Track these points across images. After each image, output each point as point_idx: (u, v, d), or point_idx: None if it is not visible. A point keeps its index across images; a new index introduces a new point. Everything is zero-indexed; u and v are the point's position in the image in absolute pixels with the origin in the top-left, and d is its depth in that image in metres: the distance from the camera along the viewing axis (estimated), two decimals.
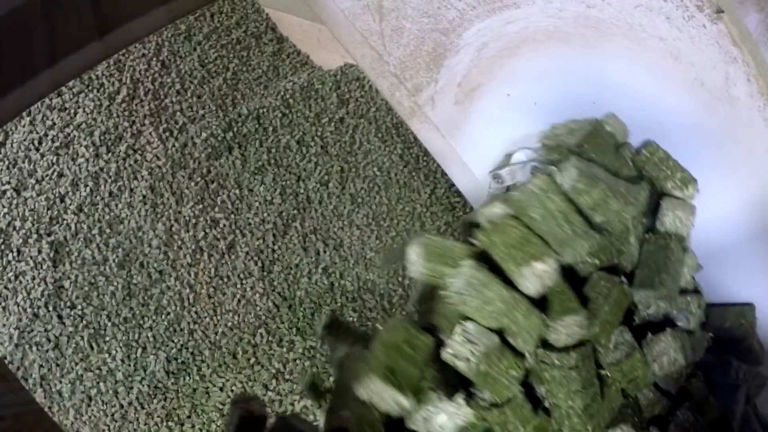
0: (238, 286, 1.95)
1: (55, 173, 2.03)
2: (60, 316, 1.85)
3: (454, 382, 0.84)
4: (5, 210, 1.95)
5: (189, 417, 1.80)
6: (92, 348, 1.83)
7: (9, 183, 1.99)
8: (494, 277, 0.81)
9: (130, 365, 1.83)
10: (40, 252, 1.91)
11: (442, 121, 1.06)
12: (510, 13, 0.89)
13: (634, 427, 0.85)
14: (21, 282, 1.88)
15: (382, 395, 0.79)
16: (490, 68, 0.96)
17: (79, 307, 1.87)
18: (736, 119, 0.82)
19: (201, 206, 2.04)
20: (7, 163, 2.02)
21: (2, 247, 1.91)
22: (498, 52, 0.94)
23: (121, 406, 1.79)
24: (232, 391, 1.83)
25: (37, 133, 2.08)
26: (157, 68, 2.29)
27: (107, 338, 1.84)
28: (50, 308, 1.86)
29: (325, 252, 2.03)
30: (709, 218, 0.91)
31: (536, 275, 0.80)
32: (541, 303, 0.83)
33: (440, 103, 1.05)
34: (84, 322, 1.85)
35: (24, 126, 2.09)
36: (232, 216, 2.04)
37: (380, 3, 1.01)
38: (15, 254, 1.91)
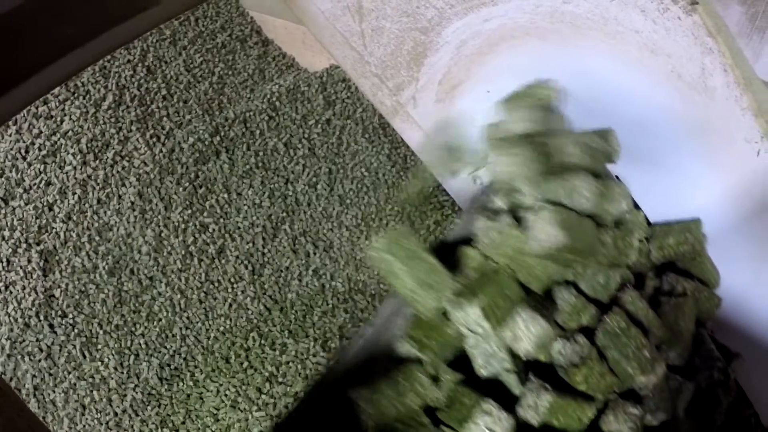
0: (229, 290, 1.95)
1: (43, 182, 2.02)
2: (51, 326, 1.84)
3: None
4: None
5: (183, 423, 1.80)
6: (85, 357, 1.82)
7: None
8: None
9: (123, 373, 1.82)
10: (29, 261, 1.90)
11: (424, 119, 1.07)
12: (488, 11, 0.89)
13: (537, 311, 0.83)
14: (11, 292, 1.87)
15: None
16: (470, 65, 0.96)
17: (71, 315, 1.86)
18: (714, 110, 0.83)
19: (190, 211, 2.03)
20: None
21: None
22: (477, 49, 0.94)
23: (116, 414, 1.78)
24: (225, 395, 1.83)
25: (24, 141, 2.07)
26: (143, 74, 2.28)
27: (99, 346, 1.84)
28: (41, 318, 1.84)
29: (315, 254, 2.03)
30: (692, 208, 0.91)
31: None
32: None
33: (422, 102, 1.05)
34: (76, 330, 1.84)
35: (10, 135, 2.08)
36: (221, 220, 2.04)
37: (360, 4, 1.01)
38: (4, 264, 1.89)
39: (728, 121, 0.82)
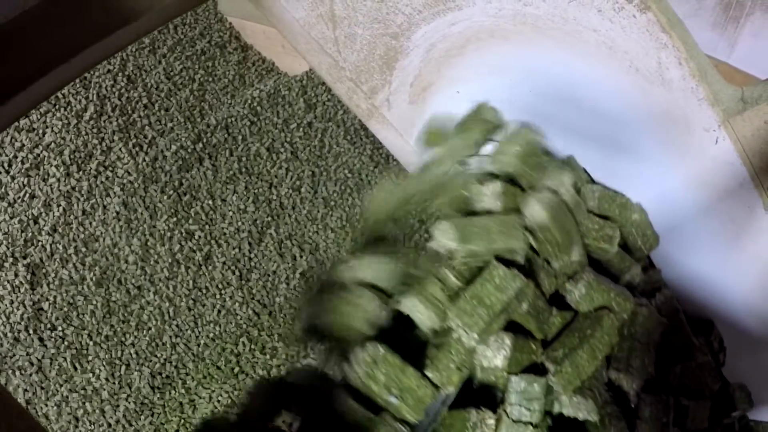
0: (218, 296, 1.96)
1: (27, 195, 2.02)
2: (41, 339, 1.84)
3: None
4: None
5: (177, 431, 1.81)
6: (76, 369, 1.83)
7: None
8: None
9: (114, 383, 1.82)
10: (16, 275, 1.90)
11: (398, 120, 1.09)
12: (453, 15, 0.92)
13: None
14: None
15: None
16: (439, 68, 0.99)
17: (60, 328, 1.86)
18: (672, 101, 0.86)
19: (175, 219, 2.04)
20: None
21: None
22: (445, 52, 0.97)
23: (109, 425, 1.79)
24: (218, 401, 1.84)
25: (7, 155, 2.07)
26: (124, 83, 2.29)
27: (90, 358, 1.84)
28: (31, 331, 1.85)
29: (301, 257, 2.05)
30: (656, 196, 0.95)
31: None
32: None
33: (395, 104, 1.08)
34: (65, 343, 1.85)
35: None
36: (207, 227, 2.05)
37: (333, 12, 1.03)
38: None
39: (686, 111, 0.86)
